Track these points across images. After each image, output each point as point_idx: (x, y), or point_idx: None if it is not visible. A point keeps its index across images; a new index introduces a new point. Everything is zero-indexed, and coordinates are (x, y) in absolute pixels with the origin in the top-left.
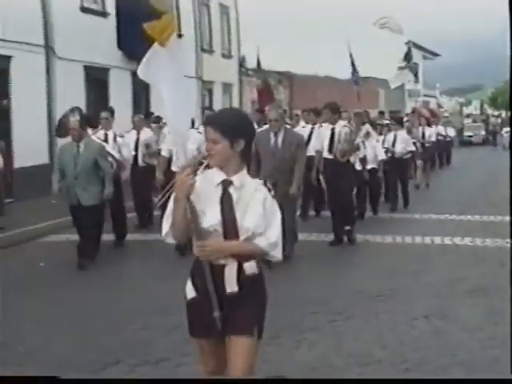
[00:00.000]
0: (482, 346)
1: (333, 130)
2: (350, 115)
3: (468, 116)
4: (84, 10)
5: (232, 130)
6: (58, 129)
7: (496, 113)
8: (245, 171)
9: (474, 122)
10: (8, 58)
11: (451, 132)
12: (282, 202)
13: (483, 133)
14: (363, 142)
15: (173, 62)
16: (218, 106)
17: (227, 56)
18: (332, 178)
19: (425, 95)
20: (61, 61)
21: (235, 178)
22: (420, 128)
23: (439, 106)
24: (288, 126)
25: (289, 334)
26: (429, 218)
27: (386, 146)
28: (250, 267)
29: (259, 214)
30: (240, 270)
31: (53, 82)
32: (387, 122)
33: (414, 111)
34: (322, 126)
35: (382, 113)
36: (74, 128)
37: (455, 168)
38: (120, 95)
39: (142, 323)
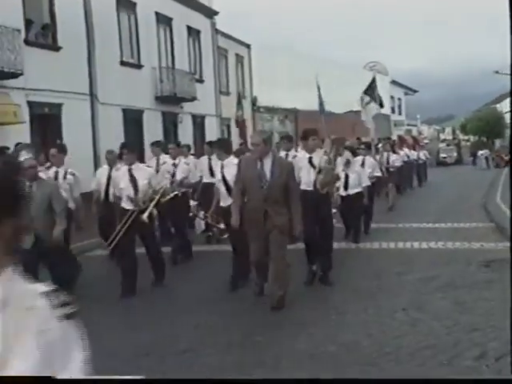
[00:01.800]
0: (448, 332)
1: (310, 159)
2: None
3: (443, 141)
4: (123, 63)
5: None
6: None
7: (466, 137)
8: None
9: (448, 145)
10: (59, 105)
11: (423, 155)
12: (273, 238)
13: (455, 154)
14: (343, 171)
15: None
16: (235, 138)
17: (242, 97)
18: (310, 213)
19: (408, 124)
20: (103, 106)
21: None
22: (385, 154)
23: (420, 133)
24: (282, 154)
25: (291, 326)
26: (410, 226)
27: None
28: None
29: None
30: None
31: (96, 123)
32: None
33: (399, 138)
34: (296, 155)
35: (359, 139)
36: (31, 166)
37: (432, 184)
38: (152, 132)
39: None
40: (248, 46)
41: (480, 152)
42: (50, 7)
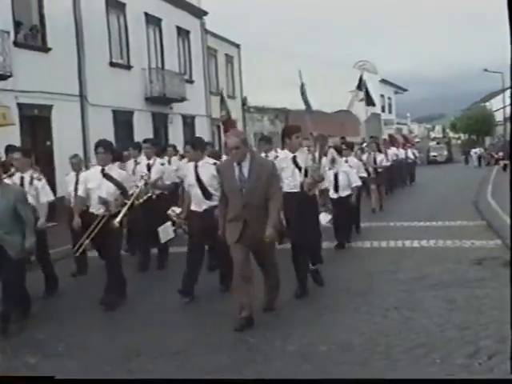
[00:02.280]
0: (440, 330)
1: (294, 158)
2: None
3: (433, 139)
4: (112, 64)
5: None
6: None
7: (456, 136)
8: None
9: (438, 143)
10: (49, 106)
11: (412, 154)
12: (257, 247)
13: (446, 153)
14: (330, 169)
15: None
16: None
17: (232, 97)
18: (296, 215)
19: (398, 123)
20: (93, 107)
21: None
22: (372, 154)
23: (410, 131)
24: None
25: (283, 326)
26: (401, 225)
27: None
28: None
29: None
30: None
31: (86, 124)
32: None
33: (390, 137)
34: (277, 155)
35: (343, 138)
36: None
37: (422, 183)
38: (142, 133)
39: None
40: (238, 46)
41: (473, 150)
42: (39, 9)
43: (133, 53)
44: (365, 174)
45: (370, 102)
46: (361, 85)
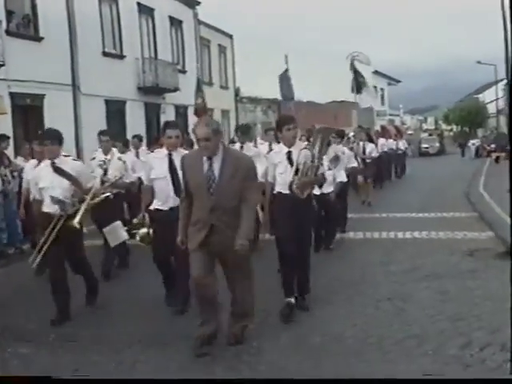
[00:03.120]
0: (432, 321)
1: (289, 154)
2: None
3: (425, 131)
4: (105, 54)
5: None
6: None
7: (449, 127)
8: None
9: (430, 135)
10: (42, 96)
11: (403, 145)
12: (225, 259)
13: (437, 144)
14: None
15: None
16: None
17: (224, 87)
18: (287, 222)
19: (390, 115)
20: (85, 96)
21: None
22: (361, 143)
23: (403, 123)
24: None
25: (274, 318)
26: (393, 216)
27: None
28: None
29: None
30: None
31: (79, 114)
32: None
33: (382, 128)
34: (255, 148)
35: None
36: None
37: (414, 175)
38: (135, 123)
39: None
40: (231, 37)
41: (471, 141)
42: None
43: (126, 42)
44: (355, 164)
45: (357, 89)
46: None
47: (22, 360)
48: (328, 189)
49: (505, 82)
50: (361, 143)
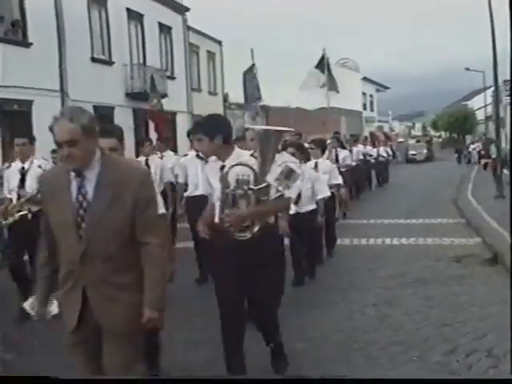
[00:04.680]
0: (417, 327)
1: (222, 168)
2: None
3: (413, 137)
4: (94, 59)
5: None
6: None
7: (437, 134)
8: None
9: (418, 141)
10: (30, 102)
11: (384, 152)
12: (106, 344)
13: (425, 151)
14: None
15: None
16: None
17: (213, 94)
18: (228, 277)
19: (379, 121)
20: (73, 102)
21: None
22: (333, 151)
23: (391, 129)
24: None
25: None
26: (381, 222)
27: None
28: None
29: None
30: None
31: None
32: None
33: (371, 134)
34: (160, 160)
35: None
36: None
37: (401, 182)
38: (123, 129)
39: None
40: (220, 43)
41: (472, 146)
42: (20, 3)
43: (114, 48)
44: (340, 181)
45: (333, 86)
46: (322, 65)
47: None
48: (306, 207)
49: (493, 88)
50: (333, 150)
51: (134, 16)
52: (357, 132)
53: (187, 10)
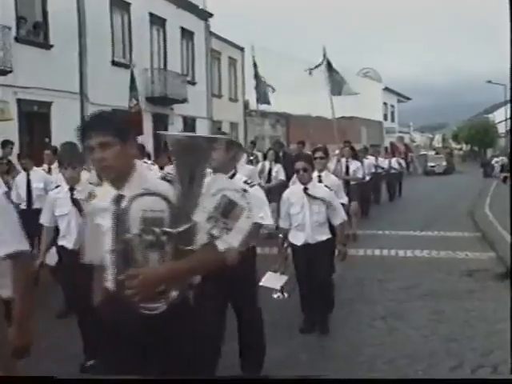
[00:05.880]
0: (425, 341)
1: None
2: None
3: (434, 149)
4: (114, 63)
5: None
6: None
7: (458, 146)
8: None
9: (437, 153)
10: (49, 103)
11: (397, 164)
12: None
13: (444, 163)
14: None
15: None
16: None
17: (234, 100)
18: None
19: (400, 132)
20: (93, 105)
21: None
22: (343, 160)
23: (412, 140)
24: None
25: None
26: (396, 233)
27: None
28: None
29: None
30: None
31: None
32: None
33: (392, 145)
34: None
35: (301, 143)
36: None
37: (419, 194)
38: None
39: None
40: (242, 49)
41: (495, 159)
42: (42, 5)
43: (135, 52)
44: (344, 200)
45: (336, 89)
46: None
47: None
48: (318, 236)
49: None
50: (343, 160)
51: (157, 21)
52: (377, 142)
53: (210, 15)
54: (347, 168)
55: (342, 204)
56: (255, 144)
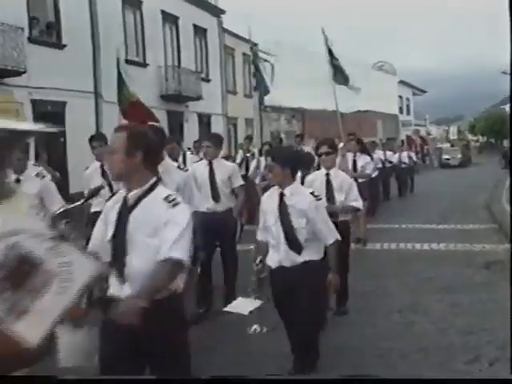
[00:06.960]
0: (442, 334)
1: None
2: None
3: (449, 141)
4: (128, 61)
5: None
6: None
7: (475, 138)
8: None
9: (452, 146)
10: (63, 103)
11: (407, 158)
12: None
13: (459, 156)
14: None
15: None
16: (241, 138)
17: (248, 96)
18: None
19: (415, 125)
20: (107, 104)
21: None
22: (349, 156)
23: (428, 133)
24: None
25: (278, 326)
26: (412, 227)
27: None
28: None
29: None
30: None
31: (101, 121)
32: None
33: (408, 138)
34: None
35: (298, 137)
36: None
37: (435, 187)
38: None
39: None
40: (256, 45)
41: None
42: (54, 5)
43: (149, 50)
44: (360, 206)
45: (341, 79)
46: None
47: None
48: (306, 256)
49: None
50: (349, 155)
51: (169, 18)
52: (393, 136)
53: (223, 12)
54: (354, 164)
55: (357, 209)
56: (251, 139)
